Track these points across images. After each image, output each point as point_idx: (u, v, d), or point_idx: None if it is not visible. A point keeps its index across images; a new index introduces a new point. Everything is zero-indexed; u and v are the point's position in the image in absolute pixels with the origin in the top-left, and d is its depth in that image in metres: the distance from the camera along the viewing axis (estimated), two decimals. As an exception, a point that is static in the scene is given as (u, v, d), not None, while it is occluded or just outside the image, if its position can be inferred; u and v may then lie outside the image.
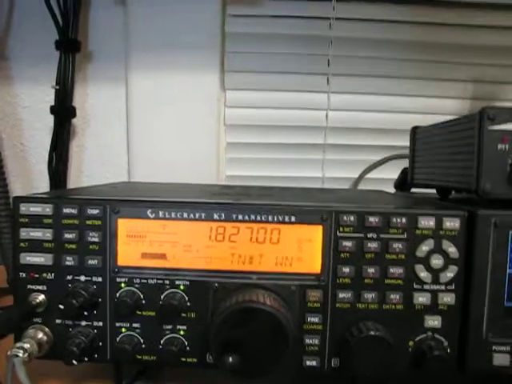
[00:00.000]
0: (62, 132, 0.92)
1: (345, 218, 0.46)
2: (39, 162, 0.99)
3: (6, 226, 0.80)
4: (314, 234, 0.47)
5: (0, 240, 0.81)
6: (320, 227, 0.47)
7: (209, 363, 0.48)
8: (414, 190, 0.76)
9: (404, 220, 0.47)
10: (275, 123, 0.99)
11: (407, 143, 1.00)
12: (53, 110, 0.90)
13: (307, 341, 0.47)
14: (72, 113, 0.92)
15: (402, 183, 0.81)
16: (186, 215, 0.47)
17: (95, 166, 1.00)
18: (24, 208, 0.48)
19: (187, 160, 0.95)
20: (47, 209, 0.48)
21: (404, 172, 0.80)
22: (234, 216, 0.47)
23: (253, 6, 0.94)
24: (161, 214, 0.47)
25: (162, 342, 0.48)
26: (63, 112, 0.91)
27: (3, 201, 0.80)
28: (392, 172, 0.99)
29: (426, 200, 0.61)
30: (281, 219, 0.47)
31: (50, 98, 0.93)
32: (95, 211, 0.47)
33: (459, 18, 0.97)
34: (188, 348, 0.48)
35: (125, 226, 0.47)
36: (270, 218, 0.47)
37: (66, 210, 0.47)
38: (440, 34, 0.97)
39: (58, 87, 0.89)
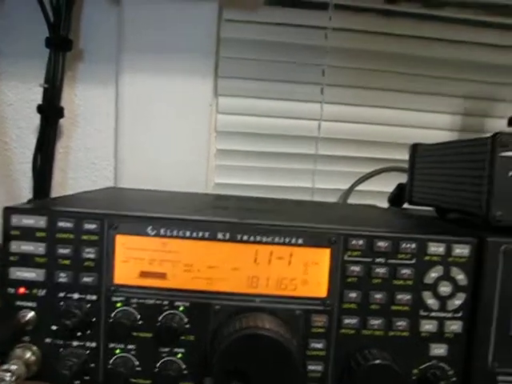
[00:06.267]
0: (48, 132, 0.88)
1: (353, 241, 0.45)
2: (22, 161, 0.95)
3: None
4: (322, 257, 0.45)
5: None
6: (328, 250, 0.45)
7: (206, 388, 0.46)
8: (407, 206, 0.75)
9: (413, 245, 0.45)
10: (267, 131, 0.97)
11: (399, 156, 1.00)
12: (40, 109, 0.87)
13: (310, 367, 0.45)
14: (60, 113, 0.88)
15: (397, 199, 0.80)
16: (188, 234, 0.45)
17: (81, 168, 0.96)
18: (15, 220, 0.45)
19: (176, 166, 0.92)
20: (41, 221, 0.45)
21: (399, 188, 0.79)
22: (239, 236, 0.45)
23: (249, 11, 0.92)
24: (162, 231, 0.45)
25: (157, 365, 0.45)
26: (51, 112, 0.87)
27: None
28: (382, 185, 0.98)
29: (428, 221, 0.60)
30: (287, 241, 0.45)
31: (35, 97, 0.90)
32: (92, 226, 0.45)
33: (456, 35, 0.97)
34: (185, 372, 0.45)
35: (123, 243, 0.45)
36: (276, 240, 0.45)
37: (61, 224, 0.45)
38: (436, 50, 0.97)
39: (46, 86, 0.86)
